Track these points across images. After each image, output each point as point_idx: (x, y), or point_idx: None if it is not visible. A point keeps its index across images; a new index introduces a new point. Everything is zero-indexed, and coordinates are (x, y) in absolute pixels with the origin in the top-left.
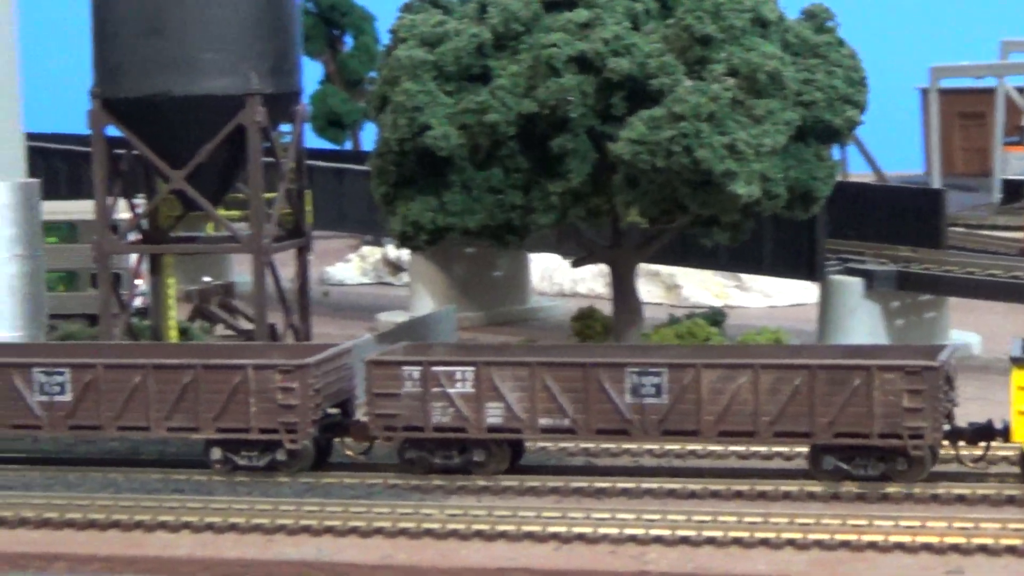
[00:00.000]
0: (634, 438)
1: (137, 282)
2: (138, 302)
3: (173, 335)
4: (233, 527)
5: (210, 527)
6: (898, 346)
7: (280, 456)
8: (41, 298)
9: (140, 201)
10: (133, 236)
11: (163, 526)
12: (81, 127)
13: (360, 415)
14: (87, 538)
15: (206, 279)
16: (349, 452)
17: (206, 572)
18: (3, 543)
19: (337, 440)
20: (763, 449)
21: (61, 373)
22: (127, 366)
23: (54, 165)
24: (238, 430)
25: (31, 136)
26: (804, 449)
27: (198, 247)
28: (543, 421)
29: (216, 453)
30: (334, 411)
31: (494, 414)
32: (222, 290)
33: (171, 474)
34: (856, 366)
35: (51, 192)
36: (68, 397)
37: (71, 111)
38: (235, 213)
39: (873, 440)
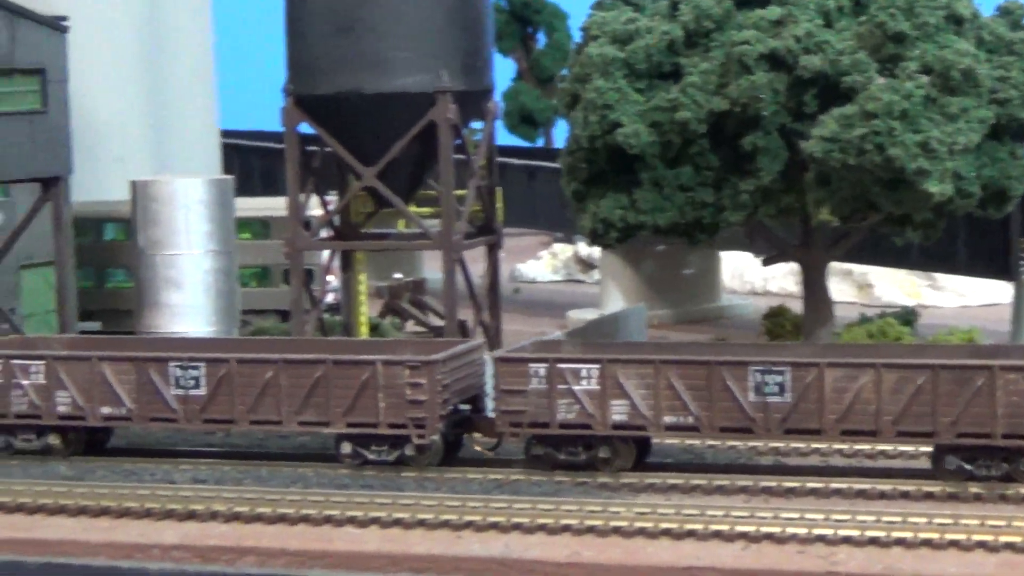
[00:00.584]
0: (757, 436)
1: (329, 278)
2: (330, 298)
3: (364, 331)
4: (421, 523)
5: (398, 523)
6: None
7: (409, 451)
8: (234, 294)
9: (332, 198)
10: (325, 232)
11: (352, 521)
12: (275, 124)
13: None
14: (276, 532)
15: (397, 275)
16: (478, 448)
17: (394, 567)
18: (194, 536)
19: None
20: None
21: (196, 367)
22: (259, 361)
23: (249, 162)
24: (367, 425)
25: (226, 133)
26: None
27: (389, 244)
28: (667, 419)
29: (346, 447)
30: (465, 407)
31: (619, 411)
32: (413, 286)
33: (361, 470)
34: (978, 366)
35: (246, 189)
36: (202, 391)
37: (266, 109)
38: (426, 210)
39: (996, 440)
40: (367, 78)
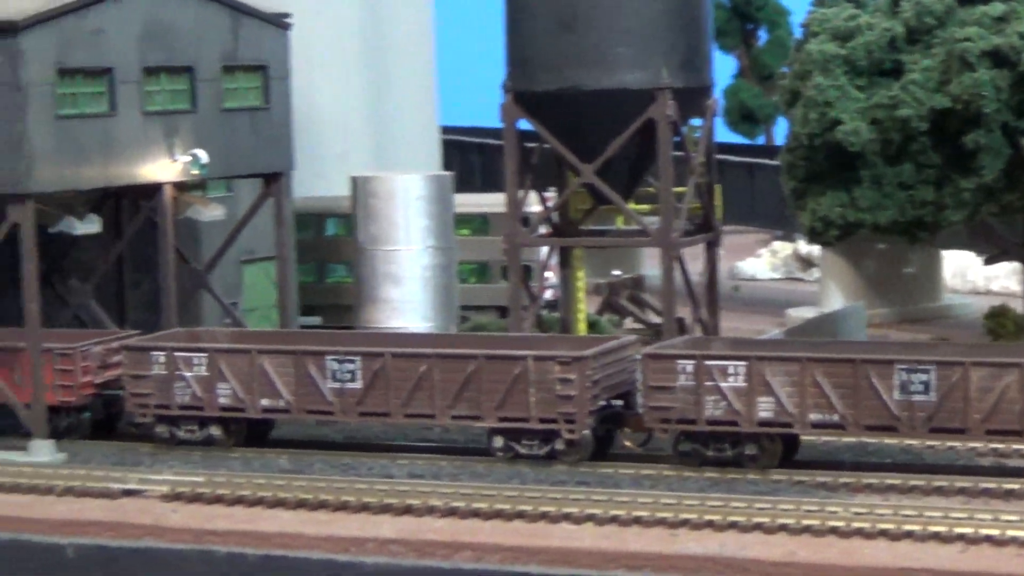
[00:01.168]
0: (902, 435)
1: (547, 275)
2: (548, 295)
3: (582, 328)
4: (637, 520)
5: (614, 519)
6: None
7: (559, 445)
8: (453, 289)
9: (551, 194)
10: (544, 229)
11: (567, 518)
12: (494, 121)
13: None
14: (492, 528)
15: (616, 272)
16: (628, 443)
17: (608, 564)
18: (410, 530)
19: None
20: None
21: (352, 361)
22: (414, 355)
23: (469, 158)
24: (518, 419)
25: (447, 129)
26: None
27: (607, 240)
28: (813, 416)
29: (498, 441)
30: (617, 403)
31: (765, 408)
32: (632, 283)
33: (577, 466)
34: None
35: (466, 185)
36: (358, 384)
37: (486, 105)
38: (645, 207)
39: None
40: (587, 75)
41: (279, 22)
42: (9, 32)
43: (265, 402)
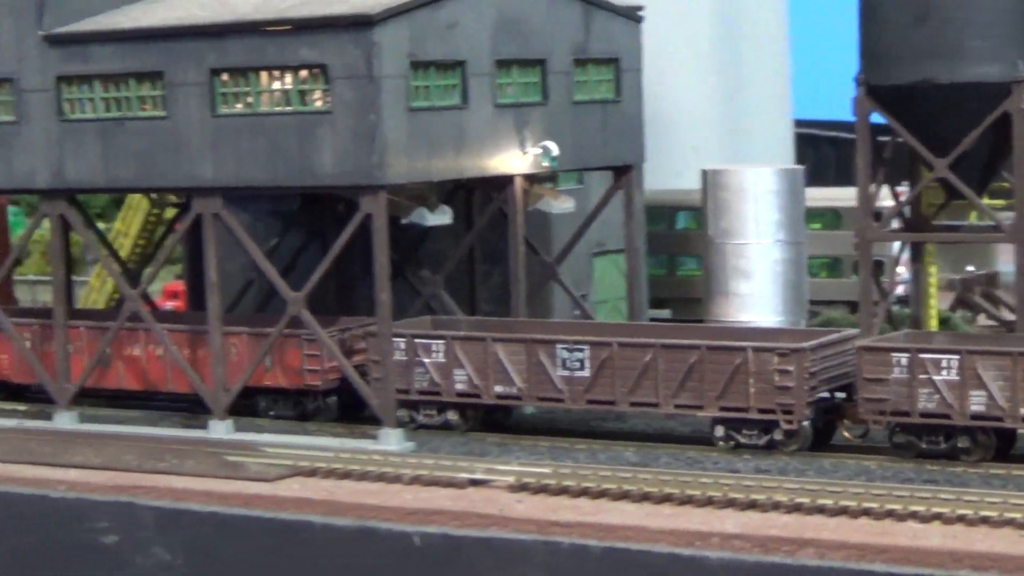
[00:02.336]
0: None
1: (899, 270)
2: (899, 290)
3: (933, 324)
4: (984, 520)
5: (961, 519)
6: None
7: (777, 435)
8: (802, 284)
9: (903, 189)
10: (896, 224)
11: (914, 516)
12: (848, 113)
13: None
14: (837, 525)
15: (969, 268)
16: (847, 435)
17: (955, 564)
18: (754, 526)
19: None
20: None
21: (581, 350)
22: (639, 345)
23: (822, 152)
24: (738, 409)
25: (800, 123)
26: None
27: (960, 236)
28: None
29: (719, 431)
30: (840, 394)
31: (977, 402)
32: (985, 280)
33: (923, 464)
34: None
35: (819, 178)
36: (587, 372)
37: (839, 98)
38: (999, 202)
39: None
40: (941, 68)
41: (631, 15)
42: (364, 25)
43: (498, 388)
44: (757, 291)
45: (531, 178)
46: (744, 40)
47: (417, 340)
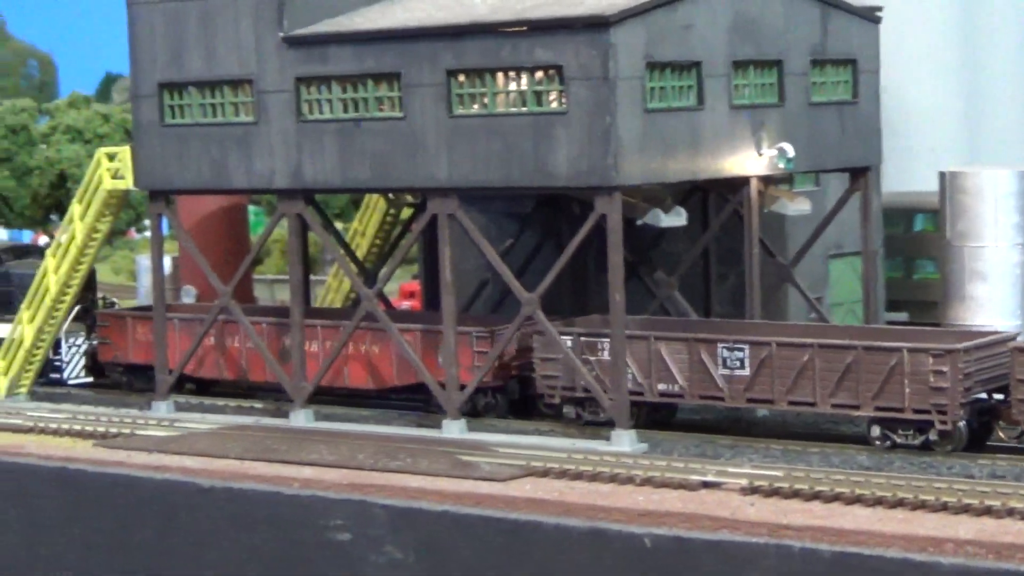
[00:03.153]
0: None
1: None
2: None
3: None
4: None
5: None
6: None
7: (932, 436)
8: None
9: None
10: None
11: None
12: None
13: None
14: None
15: None
16: (1002, 435)
17: None
18: (989, 532)
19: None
20: None
21: (741, 349)
22: (797, 345)
23: None
24: (893, 409)
25: None
26: None
27: None
28: None
29: (875, 430)
30: (997, 396)
31: None
32: None
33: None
34: None
35: None
36: (746, 371)
37: None
38: None
39: None
40: None
41: (869, 15)
42: (600, 26)
43: (662, 386)
44: (994, 295)
45: (767, 180)
46: (984, 38)
47: (584, 338)
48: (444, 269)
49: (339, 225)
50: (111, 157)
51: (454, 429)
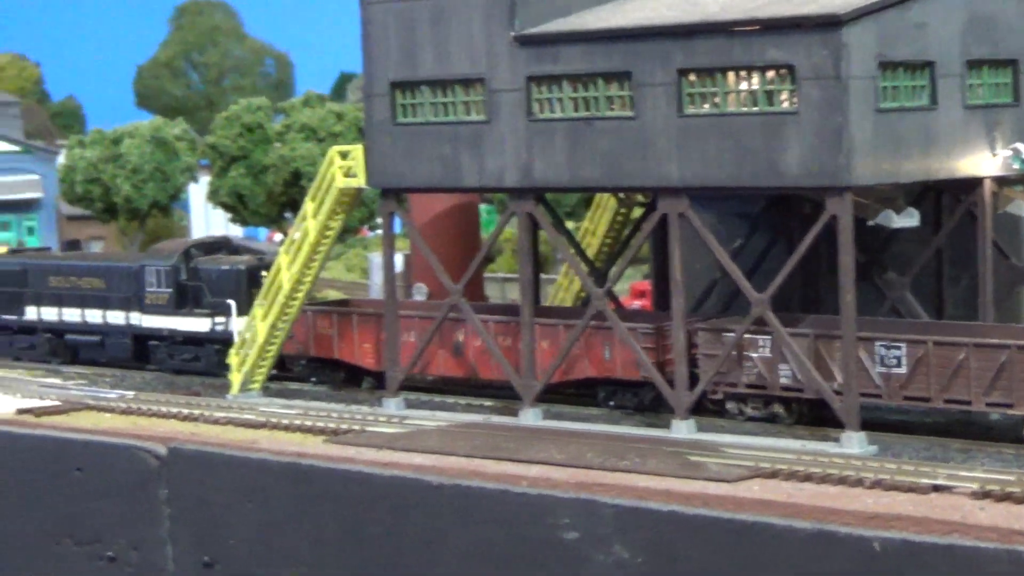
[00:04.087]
0: None
1: None
2: None
3: None
4: None
5: None
6: None
7: None
8: None
9: None
10: None
11: None
12: None
13: None
14: None
15: None
16: None
17: None
18: None
19: None
20: None
21: (898, 348)
22: (952, 344)
23: None
24: None
25: None
26: None
27: None
28: None
29: None
30: None
31: None
32: None
33: None
34: None
35: None
36: (903, 370)
37: None
38: None
39: None
40: None
41: None
42: (832, 26)
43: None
44: None
45: (1001, 180)
46: None
47: (746, 335)
48: (673, 269)
49: (570, 224)
50: (344, 155)
51: (683, 429)
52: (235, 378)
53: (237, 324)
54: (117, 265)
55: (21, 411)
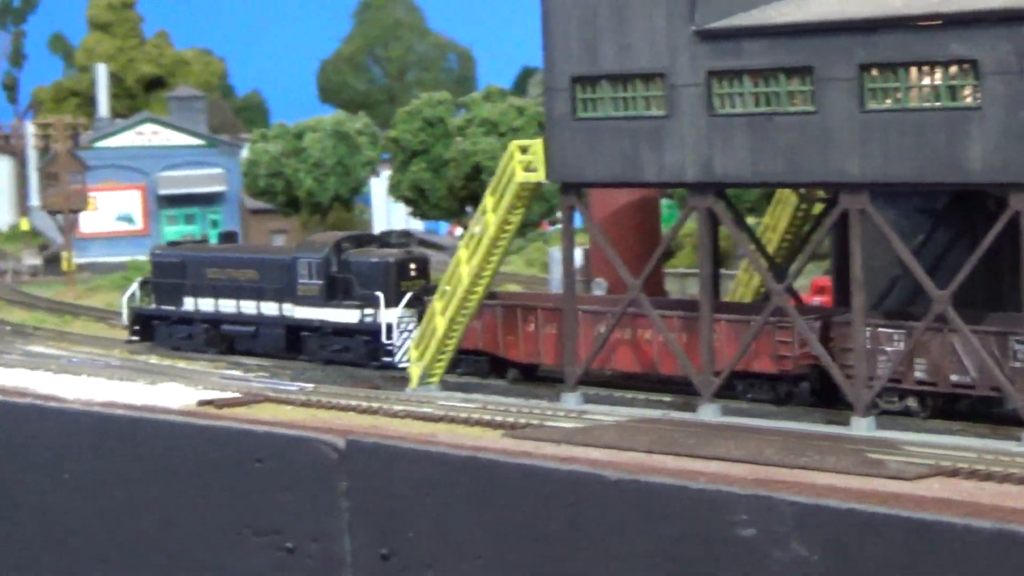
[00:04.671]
0: None
1: None
2: None
3: None
4: None
5: None
6: None
7: None
8: None
9: None
10: None
11: None
12: None
13: None
14: None
15: None
16: None
17: None
18: None
19: None
20: None
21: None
22: None
23: None
24: None
25: None
26: None
27: None
28: None
29: None
30: None
31: None
32: None
33: None
34: None
35: None
36: None
37: None
38: None
39: None
40: None
41: None
42: (1017, 20)
43: (954, 377)
44: None
45: None
46: None
47: (880, 329)
48: (854, 265)
49: (750, 220)
50: (524, 150)
51: (862, 426)
52: (414, 372)
53: (385, 316)
54: (271, 257)
55: (202, 403)
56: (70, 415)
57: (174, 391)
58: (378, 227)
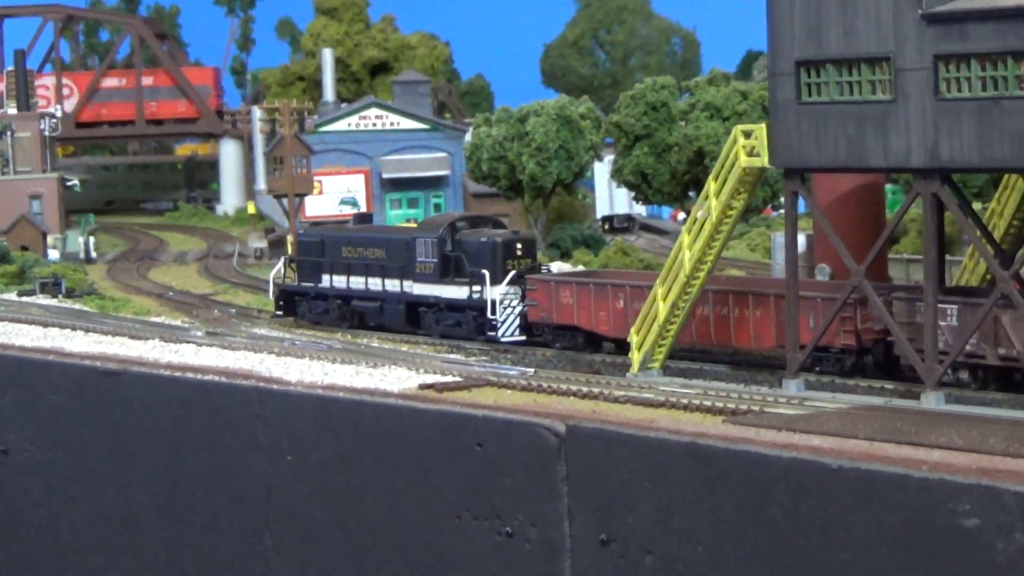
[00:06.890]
0: None
1: None
2: None
3: None
4: None
5: None
6: None
7: None
8: None
9: None
10: None
11: None
12: None
13: None
14: None
15: None
16: None
17: None
18: None
19: None
20: None
21: None
22: None
23: None
24: None
25: None
26: None
27: None
28: None
29: None
30: None
31: None
32: None
33: None
34: None
35: None
36: None
37: None
38: None
39: None
40: None
41: None
42: None
43: (1001, 351)
44: None
45: None
46: None
47: (940, 305)
48: None
49: (976, 205)
50: (747, 134)
51: (930, 401)
52: (635, 357)
53: (490, 292)
54: (394, 237)
55: (423, 386)
56: (293, 398)
57: (395, 375)
58: (600, 212)
